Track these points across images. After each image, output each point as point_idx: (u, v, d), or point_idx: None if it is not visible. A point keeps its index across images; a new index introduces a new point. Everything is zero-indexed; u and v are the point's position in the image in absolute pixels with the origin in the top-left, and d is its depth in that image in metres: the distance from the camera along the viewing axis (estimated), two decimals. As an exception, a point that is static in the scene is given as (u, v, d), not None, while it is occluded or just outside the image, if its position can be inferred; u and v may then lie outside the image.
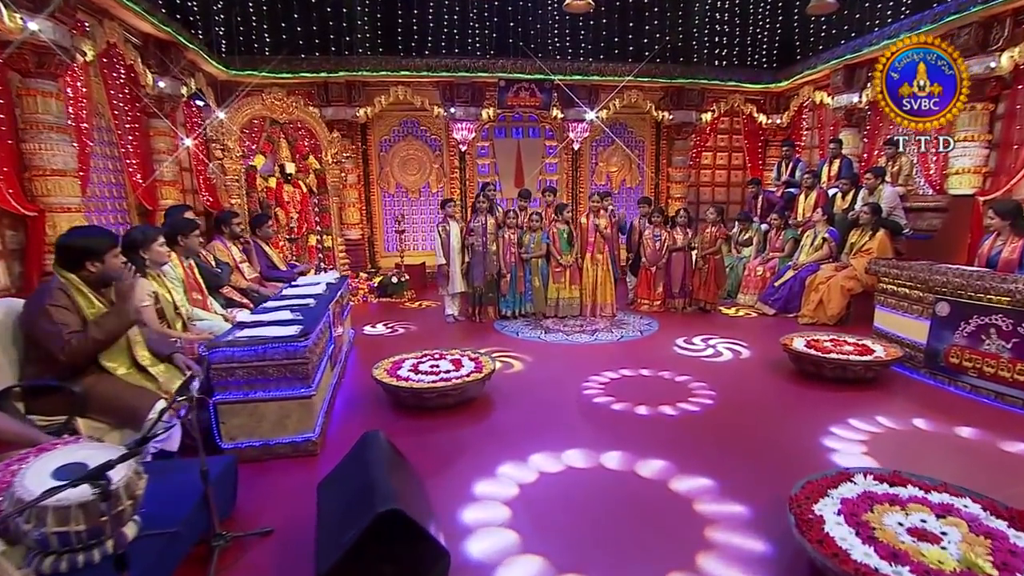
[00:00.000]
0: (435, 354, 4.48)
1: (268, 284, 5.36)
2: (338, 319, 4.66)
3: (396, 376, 4.00)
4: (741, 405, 3.95)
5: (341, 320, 5.01)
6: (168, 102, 6.67)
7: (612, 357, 5.17)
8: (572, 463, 3.07)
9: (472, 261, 6.56)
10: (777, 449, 3.23)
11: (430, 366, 4.19)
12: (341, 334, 4.72)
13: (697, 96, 9.55)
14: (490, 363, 4.24)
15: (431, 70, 8.81)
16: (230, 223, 5.11)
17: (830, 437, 3.35)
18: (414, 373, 4.06)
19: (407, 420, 3.80)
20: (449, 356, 4.42)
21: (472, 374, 4.01)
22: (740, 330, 6.10)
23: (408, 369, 4.14)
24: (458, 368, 4.14)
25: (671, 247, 6.93)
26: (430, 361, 4.32)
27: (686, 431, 3.53)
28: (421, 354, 4.49)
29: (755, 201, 8.35)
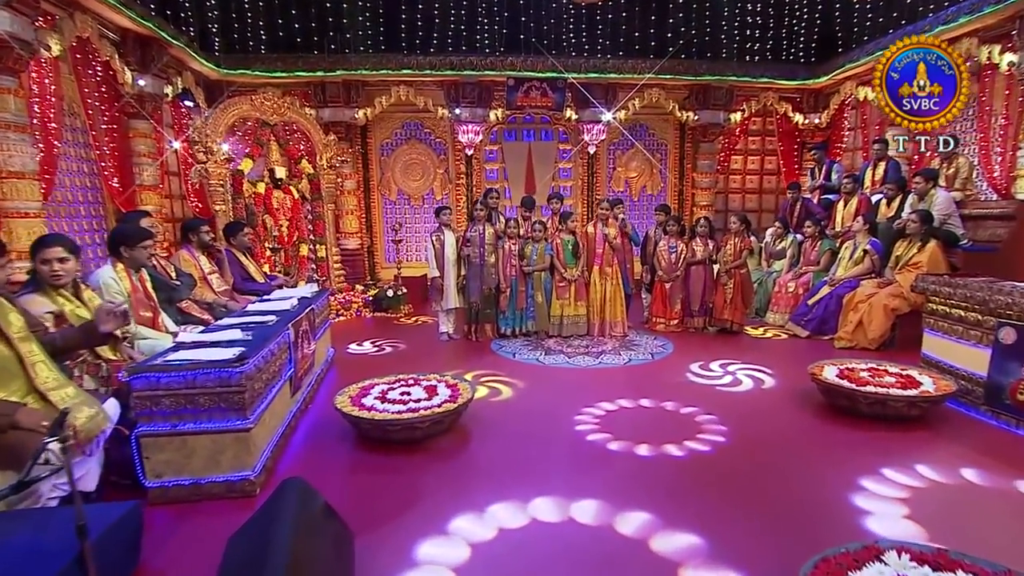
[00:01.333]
0: (409, 379, 4.17)
1: (241, 297, 5.15)
2: (307, 337, 4.40)
3: (360, 405, 3.70)
4: (755, 446, 3.53)
5: (315, 338, 4.75)
6: (150, 102, 6.57)
7: (615, 384, 4.79)
8: (540, 515, 2.71)
9: (468, 274, 6.27)
10: (794, 504, 2.81)
11: (400, 393, 3.88)
12: (310, 353, 4.45)
13: (725, 95, 9.15)
14: (468, 391, 3.92)
15: (435, 69, 8.61)
16: (198, 231, 4.91)
17: (861, 492, 2.91)
18: (380, 401, 3.75)
19: (370, 456, 3.49)
20: (425, 382, 4.11)
21: (445, 404, 3.68)
22: (765, 354, 5.66)
23: (375, 397, 3.84)
24: (431, 396, 3.82)
25: (690, 260, 6.52)
26: (402, 387, 4.02)
27: (684, 476, 3.13)
28: (395, 379, 4.20)
29: (792, 208, 7.88)
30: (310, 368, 4.51)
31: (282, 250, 7.38)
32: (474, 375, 5.04)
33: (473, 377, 4.97)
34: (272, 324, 3.80)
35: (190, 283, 4.49)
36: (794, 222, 7.68)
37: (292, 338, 3.90)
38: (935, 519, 2.66)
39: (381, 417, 3.52)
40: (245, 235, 5.59)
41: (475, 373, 5.11)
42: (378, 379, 4.20)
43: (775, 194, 10.20)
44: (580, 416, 4.02)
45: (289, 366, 3.86)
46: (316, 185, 8.00)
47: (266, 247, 6.88)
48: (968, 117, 6.86)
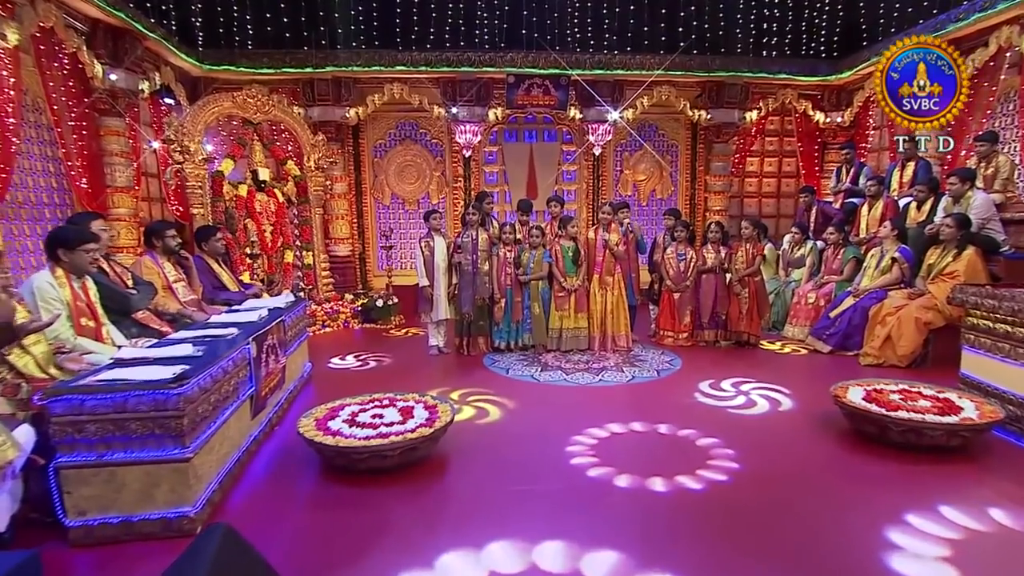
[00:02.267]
0: (384, 400, 3.88)
1: (211, 308, 4.88)
2: (275, 351, 4.12)
3: (325, 429, 3.41)
4: (770, 479, 3.19)
5: (286, 352, 4.48)
6: (123, 98, 6.36)
7: (615, 405, 4.48)
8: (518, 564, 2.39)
9: (460, 283, 5.98)
10: (813, 551, 2.48)
11: (372, 416, 3.59)
12: (278, 369, 4.17)
13: (740, 92, 8.85)
14: (447, 413, 3.62)
15: (430, 65, 8.37)
16: (163, 236, 4.65)
17: (892, 538, 2.57)
18: (349, 425, 3.46)
19: (335, 487, 3.21)
20: (401, 402, 3.82)
21: (419, 429, 3.38)
22: (782, 371, 5.32)
23: (344, 419, 3.55)
24: (405, 420, 3.52)
25: (700, 268, 6.20)
26: (375, 408, 3.72)
27: (689, 515, 2.80)
28: (368, 399, 3.91)
29: (808, 213, 7.54)
30: (278, 385, 4.23)
31: (263, 256, 7.12)
32: (461, 393, 4.76)
33: (460, 396, 4.70)
34: (230, 338, 3.52)
35: (149, 292, 4.22)
36: (811, 228, 7.34)
37: (254, 353, 3.62)
38: (984, 574, 2.31)
39: (346, 444, 3.23)
40: (218, 240, 5.33)
41: (463, 391, 4.82)
42: (350, 399, 3.91)
43: (793, 198, 9.78)
44: (574, 442, 3.70)
45: (249, 384, 3.58)
46: (303, 188, 7.77)
47: (245, 253, 6.61)
48: (1008, 112, 6.51)
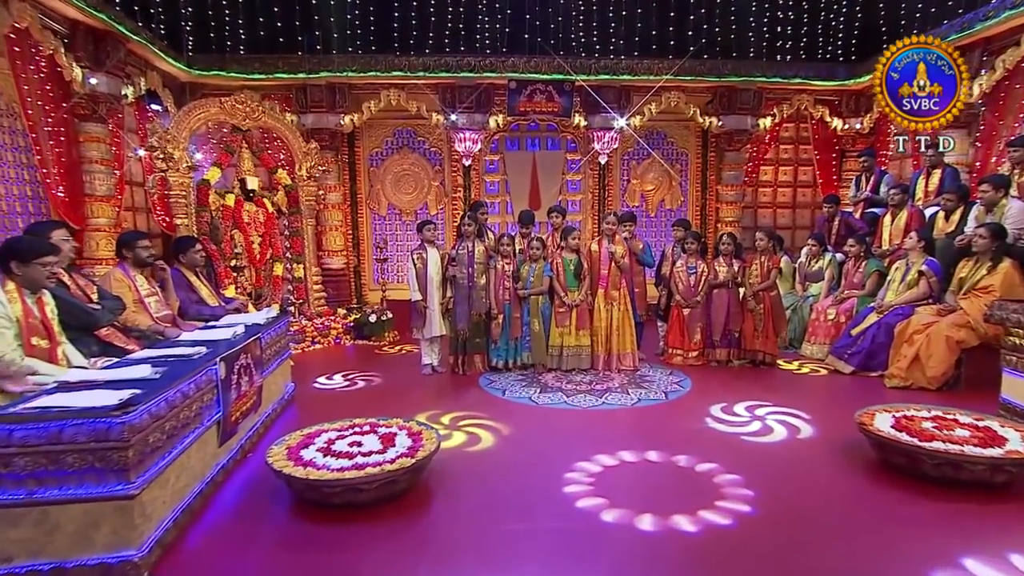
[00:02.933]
0: (365, 425, 3.64)
1: (186, 324, 4.67)
2: (249, 372, 3.89)
3: (297, 458, 3.17)
4: (788, 518, 2.91)
5: (263, 372, 4.25)
6: (104, 103, 6.22)
7: (618, 430, 4.22)
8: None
9: (455, 298, 5.75)
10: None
11: (350, 444, 3.35)
12: (253, 391, 3.94)
13: (753, 98, 8.64)
14: (432, 442, 3.37)
15: (428, 70, 8.23)
16: (134, 246, 4.45)
17: (933, 593, 2.29)
18: (323, 454, 3.21)
19: (307, 524, 2.97)
20: (384, 428, 3.58)
21: (400, 459, 3.13)
22: (801, 394, 5.05)
23: (318, 448, 3.31)
24: (385, 449, 3.27)
25: (711, 282, 5.94)
26: (354, 435, 3.48)
27: (697, 561, 2.53)
28: (348, 424, 3.67)
29: (830, 224, 7.28)
30: (253, 408, 4.00)
31: (248, 268, 6.92)
32: (453, 417, 4.52)
33: (451, 420, 4.47)
34: (196, 358, 3.30)
35: (114, 307, 4.00)
36: (832, 239, 7.09)
37: (222, 374, 3.39)
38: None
39: (317, 476, 2.99)
40: (196, 252, 5.12)
41: (454, 414, 4.58)
42: (328, 424, 3.68)
43: (810, 208, 9.59)
44: (572, 473, 3.44)
45: (216, 409, 3.35)
46: (294, 198, 7.60)
47: (229, 266, 6.42)
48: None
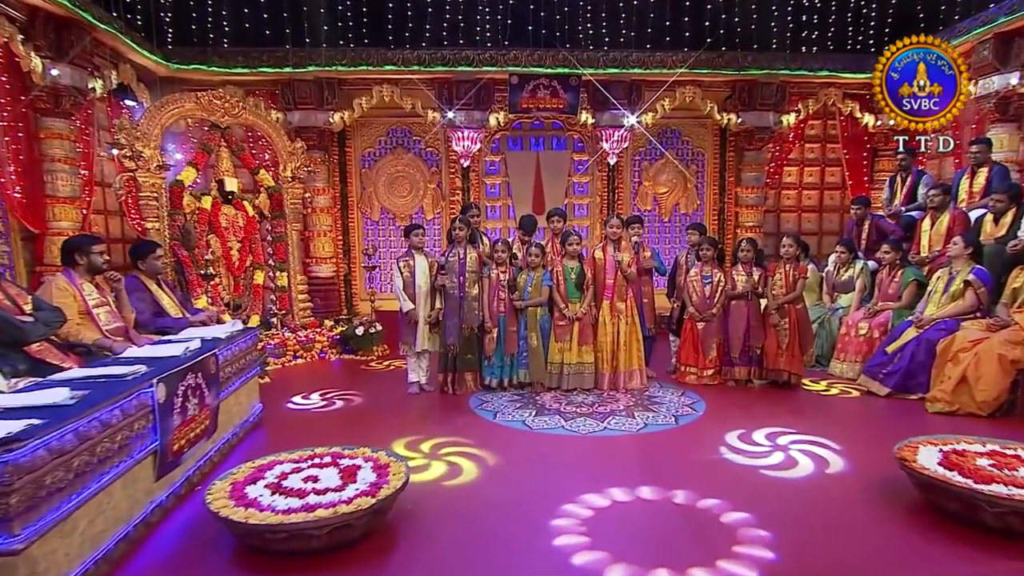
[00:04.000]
0: (326, 455, 3.31)
1: (143, 337, 4.38)
2: (200, 393, 3.57)
3: (240, 497, 2.84)
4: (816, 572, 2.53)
5: (221, 393, 3.93)
6: (69, 97, 5.98)
7: (621, 462, 3.85)
8: None
9: (445, 310, 5.43)
10: None
11: (305, 478, 3.02)
12: (204, 416, 3.62)
13: (776, 92, 8.29)
14: (400, 476, 3.03)
15: (423, 64, 7.96)
16: (87, 252, 4.16)
17: None
18: (271, 492, 2.88)
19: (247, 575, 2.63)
20: (347, 459, 3.26)
21: (359, 498, 2.79)
22: (830, 419, 4.65)
23: (268, 483, 2.98)
24: (345, 484, 2.94)
25: (729, 293, 5.57)
26: (312, 467, 3.15)
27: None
28: (307, 454, 3.34)
29: (859, 228, 6.88)
30: (205, 434, 3.68)
31: (224, 276, 6.64)
32: (434, 444, 4.19)
33: (432, 447, 4.14)
34: (128, 379, 2.98)
35: (51, 319, 3.71)
36: (863, 245, 6.71)
37: (160, 398, 3.07)
38: None
39: (259, 520, 2.65)
40: (157, 258, 4.84)
41: (437, 440, 4.25)
42: (285, 454, 3.35)
43: (839, 212, 9.22)
44: (563, 514, 3.08)
45: (152, 437, 3.03)
46: (278, 200, 7.34)
47: (199, 274, 6.14)
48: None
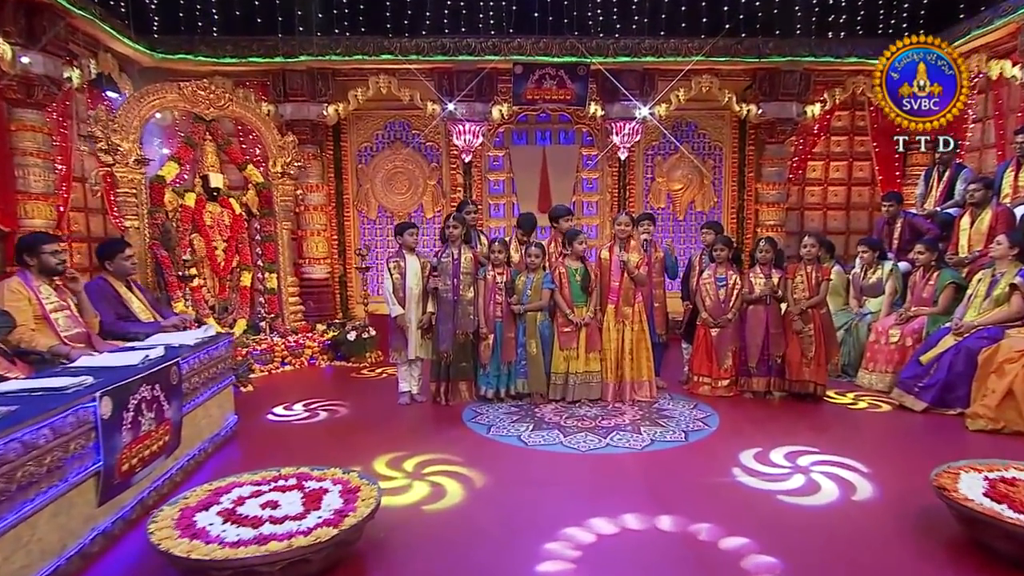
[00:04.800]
0: (291, 476, 3.07)
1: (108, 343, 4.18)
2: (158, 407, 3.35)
3: (187, 527, 2.60)
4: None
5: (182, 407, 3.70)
6: (41, 86, 5.82)
7: (622, 483, 3.58)
8: None
9: (438, 314, 5.18)
10: None
11: (263, 503, 2.78)
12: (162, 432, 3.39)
13: (799, 81, 7.99)
14: (370, 501, 2.78)
15: (422, 53, 7.74)
16: (38, 252, 3.96)
17: None
18: (223, 519, 2.64)
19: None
20: (313, 482, 3.01)
21: (320, 528, 2.54)
22: (858, 437, 4.36)
23: (222, 509, 2.74)
24: (307, 511, 2.70)
25: (746, 296, 5.27)
26: (273, 491, 2.91)
27: None
28: (272, 475, 3.11)
29: (890, 227, 6.56)
30: (166, 451, 3.45)
31: (206, 278, 6.43)
32: (419, 461, 3.95)
33: (416, 465, 3.91)
34: (67, 392, 2.75)
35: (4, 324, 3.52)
36: (894, 245, 6.40)
37: (105, 413, 2.84)
38: None
39: (203, 553, 2.41)
40: (127, 258, 4.64)
41: (422, 457, 4.01)
42: (248, 476, 3.12)
43: (868, 210, 8.89)
44: (554, 545, 2.81)
45: (95, 457, 2.80)
46: (267, 197, 7.14)
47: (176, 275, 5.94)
48: None
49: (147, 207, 6.19)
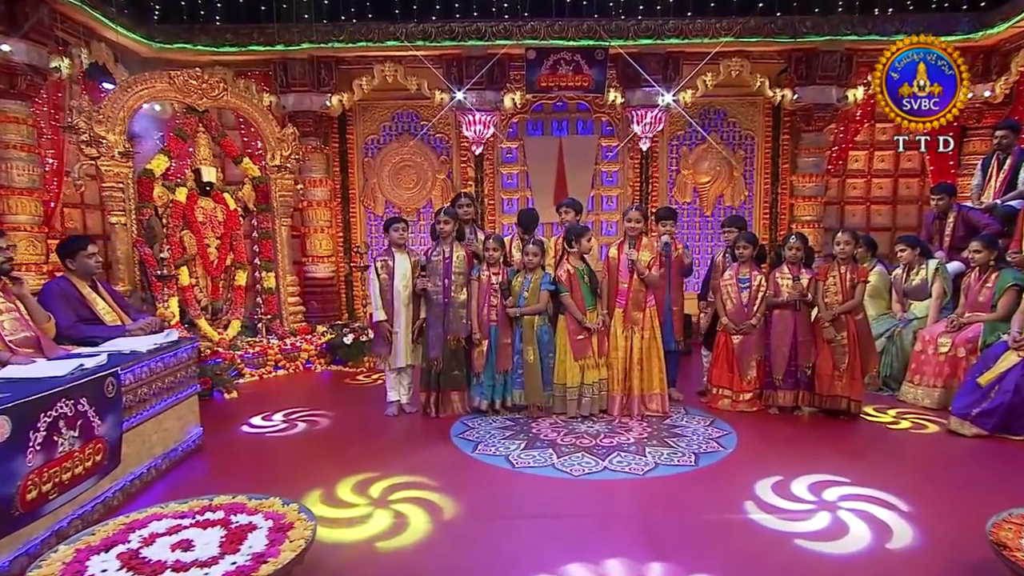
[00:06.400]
0: (219, 509, 2.67)
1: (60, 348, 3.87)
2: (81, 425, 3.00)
3: (79, 571, 2.22)
4: None
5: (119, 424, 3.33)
6: (25, 76, 5.61)
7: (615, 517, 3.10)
8: None
9: (428, 318, 4.77)
10: None
11: (175, 544, 2.40)
12: (82, 454, 3.04)
13: (840, 62, 7.42)
14: (299, 543, 2.36)
15: (429, 39, 7.37)
16: (-24, 251, 3.67)
17: None
18: (121, 564, 2.27)
19: None
20: (243, 515, 2.61)
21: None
22: (896, 466, 3.77)
23: (123, 552, 2.36)
24: (223, 554, 2.31)
25: (771, 300, 4.71)
26: (193, 527, 2.52)
27: None
28: (199, 507, 2.71)
29: (941, 222, 5.92)
30: (96, 473, 3.10)
31: (175, 277, 6.06)
32: (388, 485, 3.56)
33: (384, 489, 3.51)
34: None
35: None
36: (947, 242, 5.76)
37: (2, 435, 2.49)
38: None
39: (78, 611, 2.02)
40: (90, 256, 4.33)
41: (393, 480, 3.61)
42: (175, 505, 2.74)
43: (917, 204, 8.24)
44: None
45: None
46: (264, 192, 6.83)
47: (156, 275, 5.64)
48: None
49: (134, 202, 5.94)
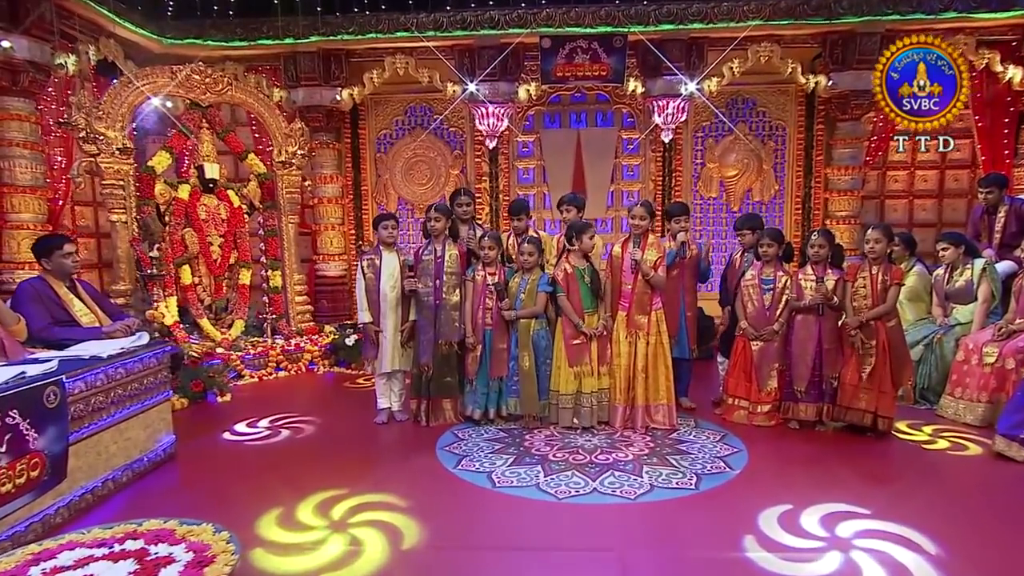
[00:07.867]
0: (140, 536, 2.42)
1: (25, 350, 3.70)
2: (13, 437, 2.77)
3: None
4: None
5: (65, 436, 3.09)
6: (27, 72, 5.54)
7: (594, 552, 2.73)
8: None
9: (419, 321, 4.46)
10: None
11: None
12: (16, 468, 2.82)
13: (880, 46, 6.78)
14: None
15: (440, 28, 7.04)
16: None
17: None
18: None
19: None
20: (163, 545, 2.37)
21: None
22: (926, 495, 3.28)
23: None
24: (121, 596, 2.03)
25: (794, 303, 4.24)
26: (104, 559, 2.28)
27: None
28: (125, 532, 2.47)
29: (990, 217, 5.41)
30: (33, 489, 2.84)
31: (164, 276, 5.88)
32: (355, 504, 3.25)
33: (349, 509, 3.22)
34: None
35: None
36: (995, 239, 5.23)
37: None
38: None
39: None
40: (66, 255, 4.16)
41: (361, 498, 3.31)
42: (97, 530, 2.50)
43: (966, 198, 7.60)
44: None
45: None
46: (270, 189, 6.64)
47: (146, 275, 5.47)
48: None
49: (135, 200, 5.81)
